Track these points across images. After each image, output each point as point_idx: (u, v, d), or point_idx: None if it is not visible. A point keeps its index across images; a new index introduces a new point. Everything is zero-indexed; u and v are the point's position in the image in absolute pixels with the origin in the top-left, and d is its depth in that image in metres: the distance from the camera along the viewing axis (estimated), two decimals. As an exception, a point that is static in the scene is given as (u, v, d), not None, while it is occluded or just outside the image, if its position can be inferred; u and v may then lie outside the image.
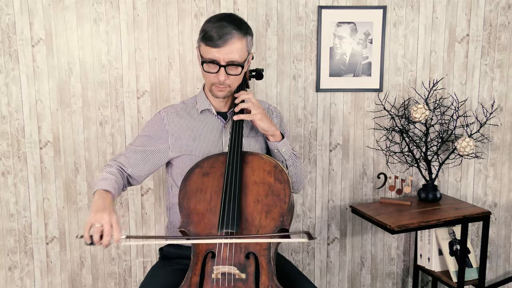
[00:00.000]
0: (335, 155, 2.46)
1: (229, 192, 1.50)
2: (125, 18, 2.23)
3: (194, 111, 1.72)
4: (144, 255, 2.40)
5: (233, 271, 1.42)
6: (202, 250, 1.47)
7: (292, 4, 2.31)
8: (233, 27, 1.54)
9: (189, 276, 1.45)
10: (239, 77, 1.63)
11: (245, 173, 1.55)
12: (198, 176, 1.56)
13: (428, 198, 2.37)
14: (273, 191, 1.52)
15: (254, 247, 1.46)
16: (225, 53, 1.53)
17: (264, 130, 1.65)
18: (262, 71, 1.84)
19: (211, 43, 1.53)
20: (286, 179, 1.53)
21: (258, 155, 1.59)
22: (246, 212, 1.50)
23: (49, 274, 2.36)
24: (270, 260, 1.45)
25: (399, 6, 2.38)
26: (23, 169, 2.26)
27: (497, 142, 2.56)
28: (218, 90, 1.62)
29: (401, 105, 2.44)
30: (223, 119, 1.72)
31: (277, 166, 1.56)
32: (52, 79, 2.23)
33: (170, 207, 1.77)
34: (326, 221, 2.51)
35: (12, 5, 2.15)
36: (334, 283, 2.56)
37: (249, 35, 1.60)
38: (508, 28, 2.46)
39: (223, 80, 1.57)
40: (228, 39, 1.52)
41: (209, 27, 1.55)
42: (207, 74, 1.59)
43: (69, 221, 2.33)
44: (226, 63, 1.55)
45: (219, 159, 1.58)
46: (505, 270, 2.70)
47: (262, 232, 1.48)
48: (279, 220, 1.49)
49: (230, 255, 1.44)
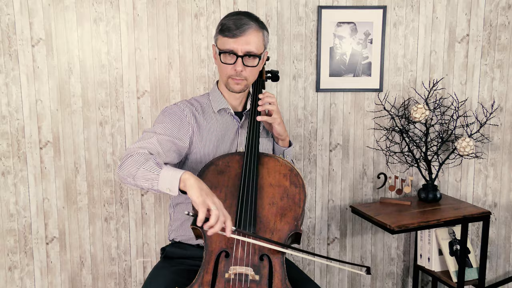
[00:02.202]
0: (335, 155, 2.46)
1: (246, 193, 1.49)
2: (125, 18, 2.23)
3: (210, 110, 1.71)
4: (144, 255, 2.40)
5: (248, 272, 1.42)
6: (216, 249, 1.46)
7: (292, 4, 2.31)
8: (250, 19, 1.58)
9: (201, 274, 1.43)
10: (256, 70, 1.64)
11: (261, 174, 1.54)
12: (213, 173, 1.55)
13: (428, 198, 2.37)
14: (288, 194, 1.52)
15: (269, 249, 1.45)
16: (243, 44, 1.56)
17: (279, 135, 1.70)
18: (278, 73, 1.86)
19: (229, 34, 1.56)
20: (301, 184, 1.53)
21: (274, 157, 1.59)
22: (261, 214, 1.49)
23: (49, 274, 2.36)
24: (283, 263, 1.45)
25: (399, 6, 2.38)
26: (23, 169, 2.26)
27: (497, 142, 2.56)
28: (234, 83, 1.62)
29: (401, 105, 2.44)
30: (238, 119, 1.72)
31: (293, 169, 1.56)
32: (52, 79, 2.23)
33: (175, 206, 1.76)
34: (326, 221, 2.51)
35: (12, 5, 2.15)
36: (334, 283, 2.56)
37: (265, 30, 1.64)
38: (508, 28, 2.46)
39: (240, 71, 1.59)
40: (246, 29, 1.56)
41: (227, 20, 1.59)
42: (224, 66, 1.60)
43: (69, 221, 2.33)
44: (243, 54, 1.57)
45: (234, 158, 1.58)
46: (505, 270, 2.70)
47: (276, 235, 1.47)
48: (294, 224, 1.48)
49: (246, 256, 1.44)
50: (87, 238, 2.35)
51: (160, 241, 2.39)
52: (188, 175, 1.35)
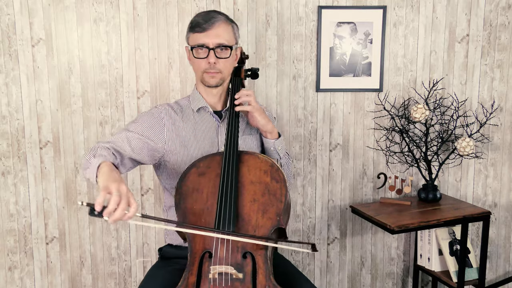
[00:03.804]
0: (335, 155, 2.46)
1: (225, 192, 1.49)
2: (125, 18, 2.23)
3: (189, 110, 1.72)
4: (144, 255, 2.40)
5: (230, 271, 1.42)
6: (199, 250, 1.47)
7: (292, 4, 2.31)
8: (218, 14, 1.63)
9: (186, 276, 1.44)
10: (229, 61, 1.65)
11: (242, 172, 1.54)
12: (194, 176, 1.55)
13: (428, 198, 2.37)
14: (269, 190, 1.52)
15: (251, 247, 1.45)
16: (213, 36, 1.59)
17: (263, 126, 1.67)
18: (258, 70, 1.85)
19: (198, 29, 1.60)
20: (282, 178, 1.53)
21: (254, 154, 1.59)
22: (243, 212, 1.50)
23: (49, 274, 2.36)
24: (267, 259, 1.45)
25: (399, 6, 2.38)
26: (23, 169, 2.26)
27: (497, 142, 2.56)
28: (210, 76, 1.64)
29: (401, 105, 2.44)
30: (218, 118, 1.72)
31: (274, 165, 1.56)
32: (52, 79, 2.23)
33: (167, 209, 1.77)
34: (326, 221, 2.51)
35: (12, 5, 2.15)
36: (334, 283, 2.56)
37: (234, 24, 1.68)
38: (508, 28, 2.46)
39: (213, 63, 1.61)
40: (214, 22, 1.60)
41: (196, 17, 1.64)
42: (198, 61, 1.63)
43: (69, 221, 2.33)
44: (214, 46, 1.60)
45: (215, 159, 1.58)
46: (505, 270, 2.70)
47: (259, 231, 1.47)
48: (276, 220, 1.48)
49: (227, 255, 1.44)
50: (87, 238, 2.35)
51: (160, 241, 2.39)
52: (105, 164, 1.40)
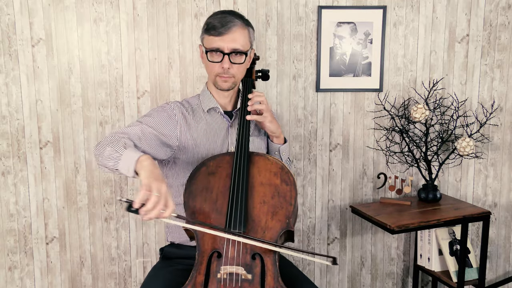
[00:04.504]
0: (335, 155, 2.46)
1: (236, 193, 1.49)
2: (125, 18, 2.23)
3: (200, 110, 1.72)
4: (144, 255, 2.40)
5: (240, 272, 1.42)
6: (208, 250, 1.47)
7: (292, 4, 2.31)
8: (235, 17, 1.60)
9: (193, 275, 1.44)
10: (243, 67, 1.65)
11: (252, 173, 1.55)
12: (204, 175, 1.55)
13: (428, 198, 2.37)
14: (279, 192, 1.52)
15: (261, 248, 1.45)
16: (229, 41, 1.58)
17: (272, 132, 1.69)
18: (268, 72, 1.86)
19: (214, 32, 1.58)
20: (292, 181, 1.53)
21: (264, 156, 1.59)
22: (253, 213, 1.50)
23: (49, 274, 2.36)
24: (276, 261, 1.45)
25: (399, 6, 2.38)
26: (23, 169, 2.26)
27: (497, 142, 2.56)
28: (222, 80, 1.64)
29: (401, 105, 2.44)
30: (228, 118, 1.72)
31: (284, 167, 1.56)
32: (52, 79, 2.23)
33: None
34: (326, 221, 2.51)
35: (12, 5, 2.15)
36: (334, 283, 2.56)
37: (250, 27, 1.66)
38: (508, 28, 2.46)
39: (227, 68, 1.60)
40: (231, 27, 1.58)
41: (212, 19, 1.61)
42: (211, 64, 1.62)
43: (69, 221, 2.33)
44: (229, 51, 1.59)
45: (225, 158, 1.58)
46: (505, 270, 2.70)
47: (268, 233, 1.47)
48: (285, 222, 1.49)
49: (237, 255, 1.44)
50: (87, 238, 2.35)
51: (160, 241, 2.39)
52: (146, 157, 1.36)
